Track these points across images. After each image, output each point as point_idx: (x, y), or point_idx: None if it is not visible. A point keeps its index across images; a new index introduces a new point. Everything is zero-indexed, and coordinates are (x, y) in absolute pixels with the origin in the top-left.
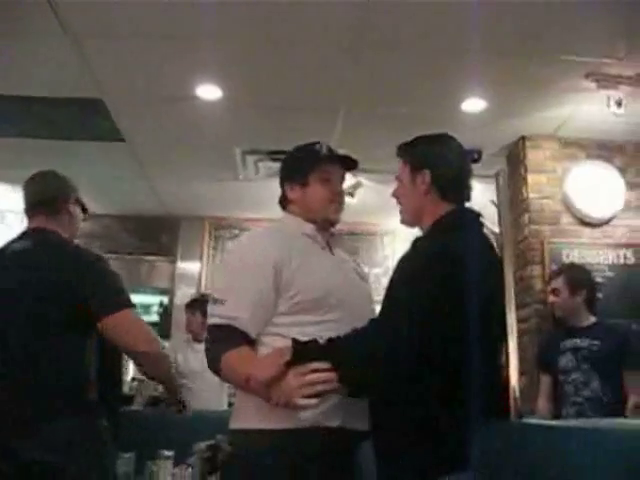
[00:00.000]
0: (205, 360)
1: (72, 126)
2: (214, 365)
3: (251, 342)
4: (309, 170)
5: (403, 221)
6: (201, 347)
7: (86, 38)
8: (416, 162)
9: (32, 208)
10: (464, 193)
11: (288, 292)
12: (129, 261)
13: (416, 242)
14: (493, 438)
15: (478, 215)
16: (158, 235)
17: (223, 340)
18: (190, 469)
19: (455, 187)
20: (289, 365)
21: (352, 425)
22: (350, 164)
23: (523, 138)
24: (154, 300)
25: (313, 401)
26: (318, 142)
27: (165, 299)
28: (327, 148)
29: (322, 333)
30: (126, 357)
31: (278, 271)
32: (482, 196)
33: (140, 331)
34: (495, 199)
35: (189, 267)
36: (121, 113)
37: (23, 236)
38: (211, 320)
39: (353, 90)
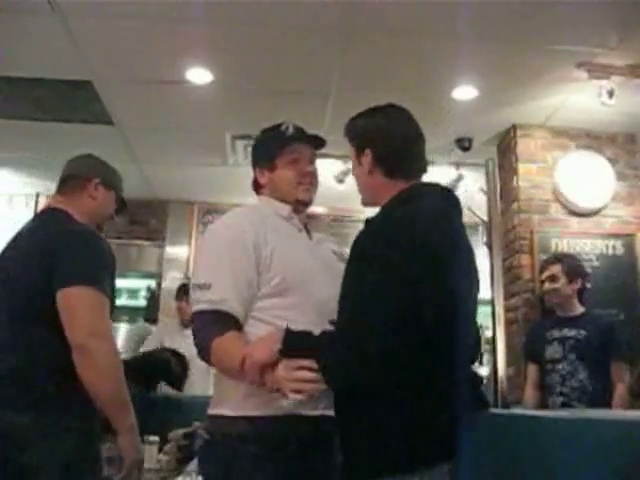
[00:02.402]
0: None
1: (60, 108)
2: (203, 353)
3: (240, 327)
4: (276, 153)
5: (362, 203)
6: (190, 332)
7: (75, 18)
8: (358, 141)
9: (58, 186)
10: (415, 168)
11: (268, 273)
12: (117, 245)
13: (366, 222)
14: (479, 428)
15: (440, 189)
16: (147, 219)
17: (212, 326)
18: (165, 457)
19: (401, 163)
20: (280, 354)
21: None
22: (317, 143)
23: (514, 127)
24: (142, 284)
25: (299, 397)
26: (284, 123)
27: (153, 283)
28: (293, 128)
29: (301, 317)
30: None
31: (257, 250)
32: (472, 184)
33: (85, 315)
34: (485, 187)
35: (177, 252)
36: (110, 96)
37: (34, 218)
38: (197, 307)
39: (344, 74)
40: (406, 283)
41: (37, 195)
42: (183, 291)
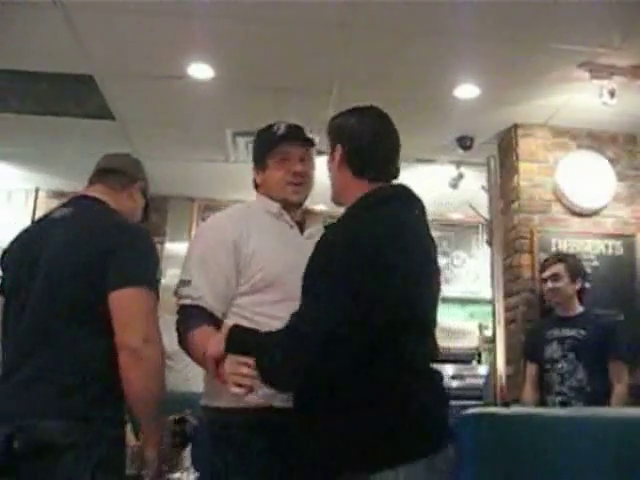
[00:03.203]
0: None
1: (61, 102)
2: (182, 345)
3: (218, 321)
4: (266, 153)
5: (332, 199)
6: None
7: (77, 12)
8: (331, 137)
9: (96, 175)
10: (383, 170)
11: (248, 270)
12: None
13: (327, 228)
14: (478, 426)
15: (406, 194)
16: (147, 215)
17: (188, 320)
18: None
19: (368, 162)
20: (225, 350)
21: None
22: (308, 142)
23: (515, 126)
24: None
25: (238, 390)
26: (277, 122)
27: None
28: (285, 128)
29: (283, 313)
30: None
31: (237, 249)
32: (473, 183)
33: (141, 319)
34: (486, 185)
35: (177, 248)
36: (111, 90)
37: (67, 203)
38: (179, 301)
39: (346, 72)
40: (355, 290)
41: (37, 190)
42: None
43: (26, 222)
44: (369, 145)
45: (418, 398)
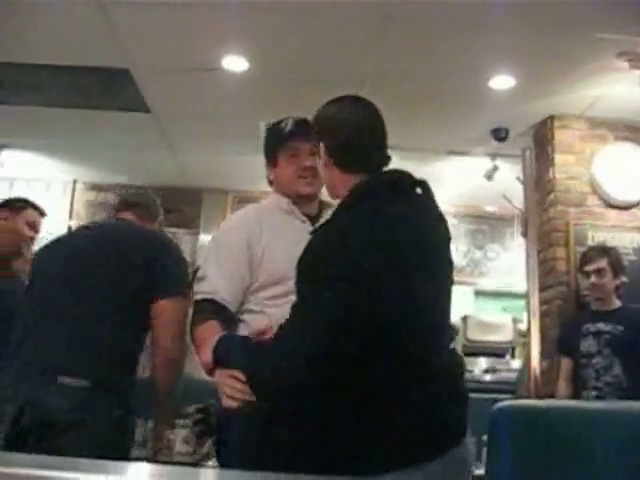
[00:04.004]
0: None
1: (98, 95)
2: (191, 339)
3: (231, 315)
4: (276, 150)
5: (329, 196)
6: None
7: (113, 6)
8: (315, 133)
9: (123, 205)
10: (370, 160)
11: (259, 267)
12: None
13: (314, 232)
14: (512, 419)
15: (395, 182)
16: (181, 207)
17: (198, 315)
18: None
19: (354, 156)
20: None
21: None
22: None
23: (551, 117)
24: None
25: (231, 403)
26: (285, 118)
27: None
28: (292, 123)
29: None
30: None
31: (250, 248)
32: (508, 175)
33: (181, 330)
34: (521, 177)
35: None
36: (147, 83)
37: (101, 222)
38: (195, 296)
39: (379, 64)
40: (342, 297)
41: (74, 182)
42: None
43: (64, 213)
44: (349, 137)
45: (416, 399)
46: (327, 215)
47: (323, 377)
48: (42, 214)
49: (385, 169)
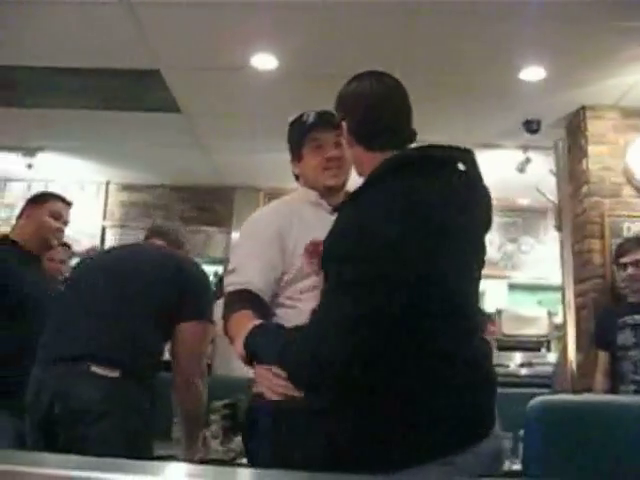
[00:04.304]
0: None
1: (129, 97)
2: (225, 331)
3: (264, 304)
4: (300, 143)
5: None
6: None
7: (142, 7)
8: (338, 111)
9: (152, 232)
10: (395, 137)
11: (292, 258)
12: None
13: (339, 210)
14: (548, 414)
15: (421, 157)
16: (213, 205)
17: (232, 305)
18: (212, 427)
19: (378, 132)
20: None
21: None
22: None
23: (583, 108)
24: (209, 270)
25: (274, 397)
26: (306, 112)
27: (220, 269)
28: (315, 115)
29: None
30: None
31: (282, 237)
32: (541, 167)
33: (201, 354)
34: (554, 169)
35: None
36: (177, 83)
37: (141, 242)
38: (226, 289)
39: (408, 58)
40: (367, 277)
41: (107, 183)
42: None
43: (98, 214)
44: (370, 113)
45: (445, 387)
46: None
47: (360, 363)
48: (67, 203)
49: (415, 145)
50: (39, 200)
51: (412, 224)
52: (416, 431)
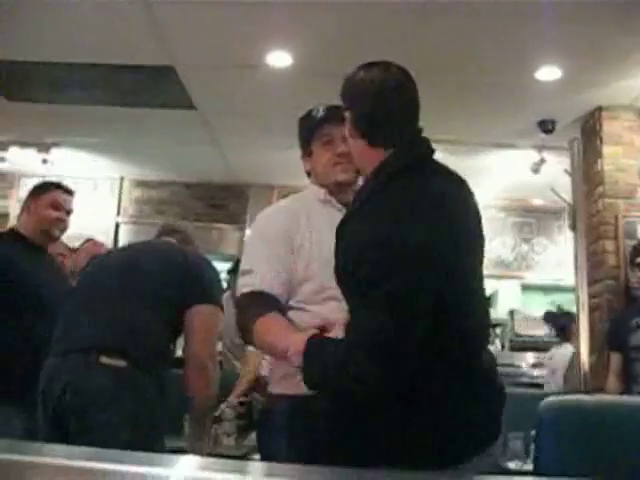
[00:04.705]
0: None
1: (144, 93)
2: (246, 335)
3: (281, 307)
4: (309, 138)
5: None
6: None
7: (158, 5)
8: (343, 102)
9: (169, 231)
10: (398, 133)
11: (298, 258)
12: (198, 228)
13: (346, 218)
14: (560, 414)
15: (426, 158)
16: (227, 203)
17: (254, 307)
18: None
19: (382, 127)
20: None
21: None
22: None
23: (599, 109)
24: (223, 267)
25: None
26: (316, 106)
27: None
28: (324, 110)
29: (324, 304)
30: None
31: (291, 238)
32: (556, 167)
33: (211, 337)
34: (569, 169)
35: None
36: (192, 80)
37: (153, 239)
38: (241, 289)
39: (423, 56)
40: (402, 287)
41: (122, 179)
42: None
43: (112, 210)
44: (377, 106)
45: (464, 396)
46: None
47: (401, 375)
48: (68, 192)
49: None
50: (38, 192)
51: (431, 228)
52: (442, 436)
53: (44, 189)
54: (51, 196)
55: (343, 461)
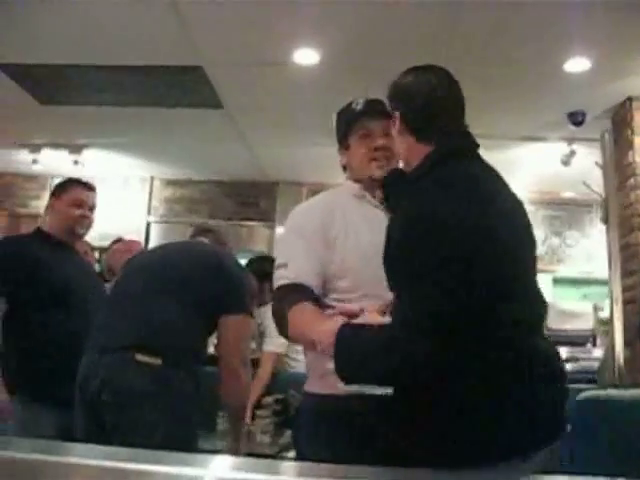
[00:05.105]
0: None
1: (172, 93)
2: (281, 327)
3: (316, 298)
4: (347, 131)
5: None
6: None
7: (184, 4)
8: (390, 103)
9: (204, 231)
10: (446, 128)
11: (333, 255)
12: (228, 226)
13: (393, 205)
14: (594, 409)
15: (470, 147)
16: (257, 200)
17: (288, 298)
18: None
19: (432, 125)
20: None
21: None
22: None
23: (630, 99)
24: None
25: (352, 388)
26: (356, 99)
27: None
28: (364, 103)
29: (360, 301)
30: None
31: (326, 230)
32: (586, 160)
33: (243, 345)
34: (600, 161)
35: None
36: (220, 79)
37: (189, 240)
38: (277, 283)
39: (452, 51)
40: (447, 271)
41: (152, 178)
42: None
43: (142, 209)
44: (427, 105)
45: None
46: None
47: (451, 360)
48: (90, 188)
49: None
50: (59, 191)
51: (482, 207)
52: (496, 429)
53: (65, 187)
54: (73, 194)
55: (393, 462)
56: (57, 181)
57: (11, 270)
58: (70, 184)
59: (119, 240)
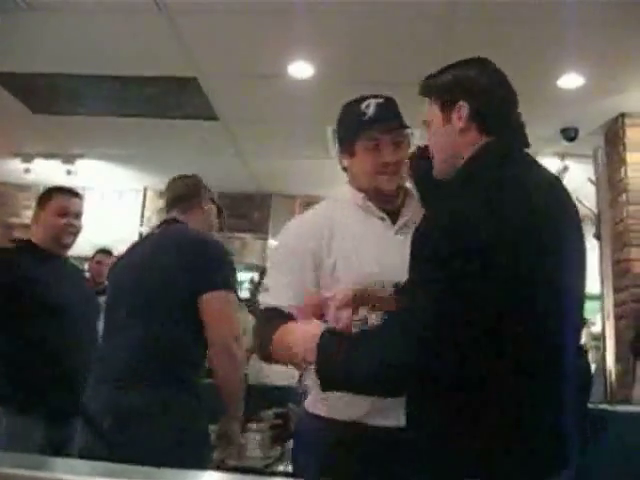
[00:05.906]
0: None
1: (167, 104)
2: (262, 352)
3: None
4: (354, 138)
5: (439, 173)
6: None
7: (180, 16)
8: (448, 95)
9: (170, 203)
10: (511, 126)
11: (331, 276)
12: (220, 238)
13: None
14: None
15: (521, 146)
16: (250, 212)
17: (270, 322)
18: (257, 436)
19: (500, 118)
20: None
21: (378, 422)
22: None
23: (622, 115)
24: (245, 277)
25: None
26: (366, 99)
27: (256, 276)
28: (375, 108)
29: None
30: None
31: (317, 258)
32: (579, 175)
33: (230, 319)
34: (593, 177)
35: None
36: (215, 91)
37: (158, 227)
38: (260, 307)
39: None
40: (456, 277)
41: (145, 189)
42: None
43: (135, 220)
44: (499, 99)
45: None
46: (410, 207)
47: (435, 366)
48: (74, 194)
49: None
50: (43, 200)
51: (523, 217)
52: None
53: (49, 196)
54: (56, 202)
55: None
56: None
57: None
58: (53, 193)
59: (103, 250)
